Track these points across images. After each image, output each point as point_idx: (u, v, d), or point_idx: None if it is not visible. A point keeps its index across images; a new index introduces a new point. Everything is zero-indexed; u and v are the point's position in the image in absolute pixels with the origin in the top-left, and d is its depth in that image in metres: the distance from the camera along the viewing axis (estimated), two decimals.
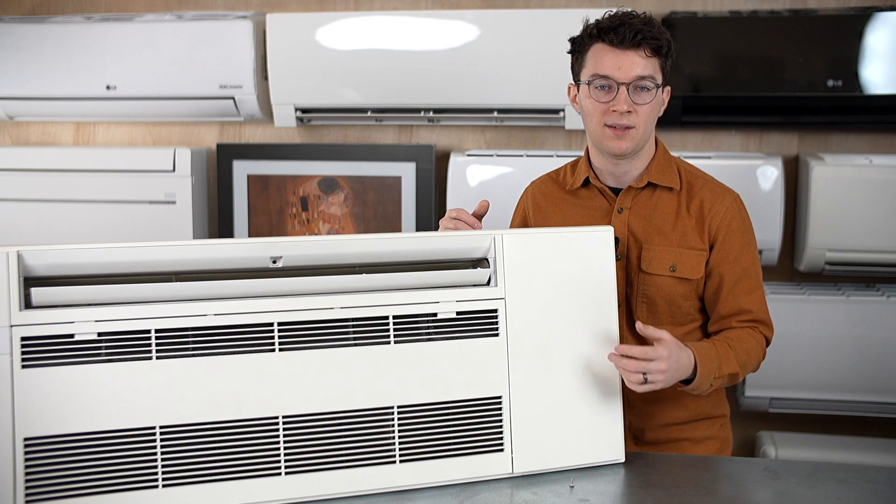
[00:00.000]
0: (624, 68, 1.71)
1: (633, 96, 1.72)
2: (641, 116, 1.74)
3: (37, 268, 1.42)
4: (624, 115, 1.73)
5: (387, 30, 2.92)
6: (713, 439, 1.88)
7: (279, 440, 1.49)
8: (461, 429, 1.58)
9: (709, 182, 1.85)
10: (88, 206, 3.07)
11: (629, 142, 1.75)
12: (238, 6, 3.17)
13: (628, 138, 1.75)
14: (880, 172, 2.72)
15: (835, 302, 2.77)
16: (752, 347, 1.77)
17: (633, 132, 1.75)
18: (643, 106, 1.73)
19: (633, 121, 1.74)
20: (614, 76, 1.72)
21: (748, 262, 1.80)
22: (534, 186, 1.99)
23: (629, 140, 1.75)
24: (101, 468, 1.41)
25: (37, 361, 1.40)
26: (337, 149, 3.08)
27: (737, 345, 1.74)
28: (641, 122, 1.74)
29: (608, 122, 1.75)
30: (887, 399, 2.76)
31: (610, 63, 1.72)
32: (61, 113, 3.16)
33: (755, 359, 1.78)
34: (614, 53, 1.72)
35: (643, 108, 1.73)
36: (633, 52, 1.71)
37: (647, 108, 1.74)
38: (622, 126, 1.74)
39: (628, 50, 1.71)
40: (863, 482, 1.59)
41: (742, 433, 3.03)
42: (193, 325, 1.46)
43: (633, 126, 1.74)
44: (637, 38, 1.70)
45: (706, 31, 2.82)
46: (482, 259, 1.64)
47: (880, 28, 2.71)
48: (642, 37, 1.70)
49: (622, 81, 1.72)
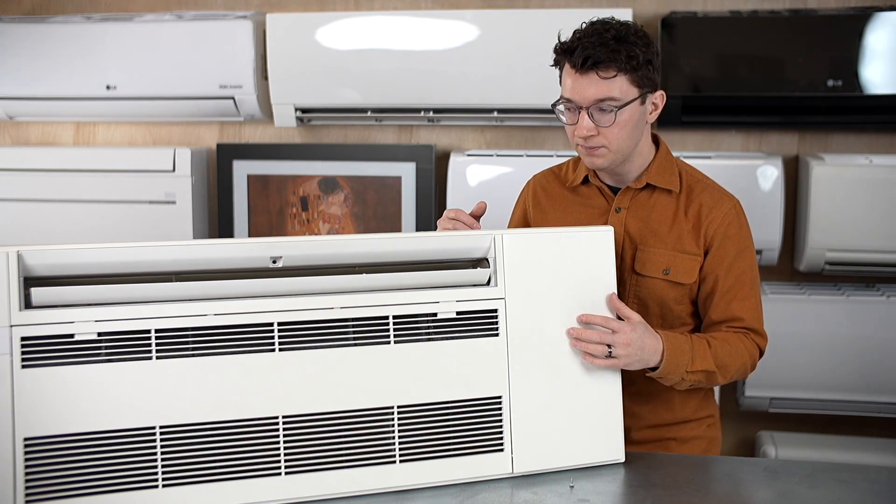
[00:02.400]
0: (580, 92, 1.69)
1: (596, 118, 1.70)
2: (610, 135, 1.71)
3: (37, 268, 1.42)
4: (588, 137, 1.72)
5: (387, 30, 2.92)
6: (700, 439, 1.88)
7: (279, 440, 1.49)
8: (461, 429, 1.58)
9: (709, 187, 1.83)
10: (88, 206, 3.07)
11: (602, 158, 1.74)
12: (238, 6, 3.17)
13: (600, 155, 1.74)
14: (880, 172, 2.72)
15: (835, 302, 2.77)
16: (738, 351, 1.73)
17: (604, 150, 1.73)
18: (608, 127, 1.70)
19: (599, 141, 1.72)
20: (575, 100, 1.70)
21: (743, 268, 1.78)
22: (535, 180, 1.99)
23: (602, 157, 1.74)
24: (101, 468, 1.41)
25: (37, 361, 1.40)
26: (337, 149, 3.08)
27: (718, 344, 1.72)
28: (612, 140, 1.72)
29: (578, 142, 1.75)
30: (887, 399, 2.76)
31: (569, 86, 1.71)
32: (61, 113, 3.16)
33: (739, 363, 1.73)
34: (573, 77, 1.70)
35: (608, 130, 1.70)
36: (588, 75, 1.68)
37: (615, 129, 1.71)
38: (590, 146, 1.73)
39: (587, 73, 1.68)
40: (863, 482, 1.59)
41: (742, 433, 3.03)
42: (193, 325, 1.46)
43: (601, 145, 1.73)
44: (588, 63, 1.66)
45: (706, 31, 2.82)
46: (482, 259, 1.64)
47: (880, 28, 2.71)
48: (594, 61, 1.66)
49: (581, 105, 1.70)
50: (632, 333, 1.61)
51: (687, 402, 1.85)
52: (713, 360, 1.69)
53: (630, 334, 1.61)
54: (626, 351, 1.61)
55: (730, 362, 1.72)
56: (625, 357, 1.61)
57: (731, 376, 1.74)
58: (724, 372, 1.72)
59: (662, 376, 1.68)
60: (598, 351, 1.61)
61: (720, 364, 1.70)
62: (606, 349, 1.61)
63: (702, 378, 1.70)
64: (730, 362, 1.72)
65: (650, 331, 1.65)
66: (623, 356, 1.61)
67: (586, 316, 1.63)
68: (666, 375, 1.68)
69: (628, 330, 1.61)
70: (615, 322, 1.62)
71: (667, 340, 1.66)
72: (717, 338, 1.73)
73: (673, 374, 1.67)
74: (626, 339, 1.61)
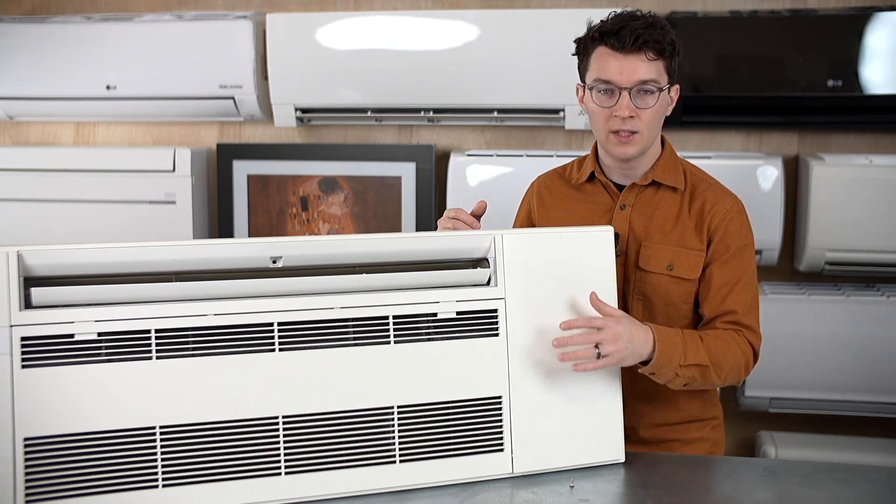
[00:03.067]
0: (626, 73, 1.70)
1: (636, 100, 1.71)
2: (645, 120, 1.72)
3: (37, 268, 1.42)
4: (627, 120, 1.72)
5: (387, 30, 2.92)
6: (704, 440, 1.87)
7: (279, 440, 1.49)
8: (461, 429, 1.58)
9: (712, 185, 1.84)
10: (88, 206, 3.07)
11: (634, 147, 1.75)
12: (238, 6, 3.17)
13: (633, 143, 1.74)
14: (880, 172, 2.72)
15: (835, 302, 2.77)
16: (730, 347, 1.71)
17: (637, 137, 1.74)
18: (646, 110, 1.72)
19: (636, 125, 1.72)
20: (616, 81, 1.71)
21: (741, 266, 1.77)
22: (539, 181, 2.00)
23: (634, 145, 1.75)
24: (101, 468, 1.41)
25: (37, 361, 1.40)
26: (337, 149, 3.08)
27: (710, 339, 1.70)
28: (646, 126, 1.73)
29: (612, 127, 1.74)
30: (887, 399, 2.76)
31: (612, 68, 1.71)
32: (61, 113, 3.16)
33: (732, 360, 1.71)
34: (616, 58, 1.70)
35: (646, 112, 1.72)
36: (634, 56, 1.69)
37: (651, 112, 1.72)
38: (626, 131, 1.73)
39: (630, 54, 1.69)
40: (863, 482, 1.59)
41: (742, 433, 3.03)
42: (193, 325, 1.46)
43: (637, 131, 1.73)
44: (638, 42, 1.68)
45: (706, 31, 2.82)
46: (482, 259, 1.64)
47: (880, 28, 2.71)
48: (644, 40, 1.68)
49: (624, 86, 1.70)
50: (617, 326, 1.58)
51: (692, 401, 1.85)
52: (707, 355, 1.67)
53: (616, 327, 1.58)
54: (615, 346, 1.57)
55: (723, 359, 1.70)
56: (616, 353, 1.58)
57: (726, 375, 1.71)
58: (718, 369, 1.69)
59: (656, 371, 1.65)
60: (586, 355, 1.58)
61: (714, 360, 1.68)
62: (595, 351, 1.58)
63: (696, 374, 1.68)
64: (723, 359, 1.70)
65: (636, 322, 1.62)
66: (614, 352, 1.57)
67: (567, 322, 1.59)
68: (659, 369, 1.64)
69: (613, 323, 1.58)
70: (598, 319, 1.59)
71: (657, 331, 1.64)
72: (709, 334, 1.72)
73: (666, 368, 1.64)
74: (613, 333, 1.57)
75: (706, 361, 1.67)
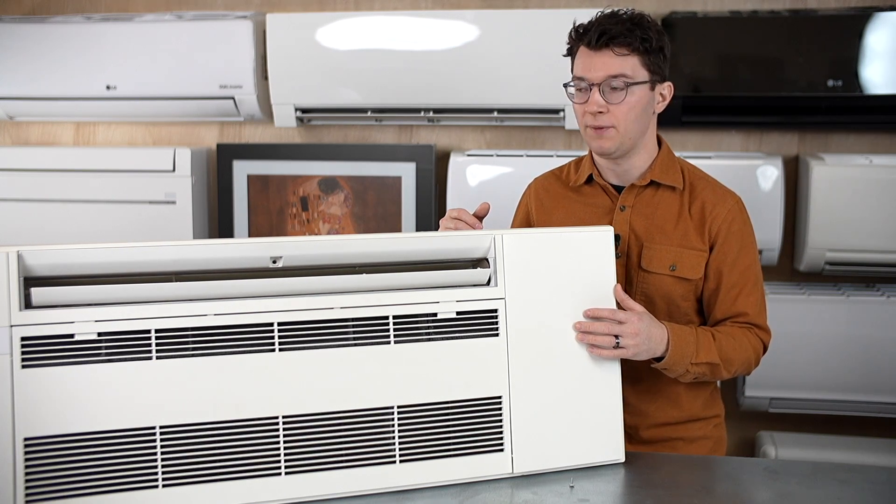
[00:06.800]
0: (594, 68, 1.73)
1: (607, 96, 1.73)
2: (618, 115, 1.74)
3: (37, 268, 1.42)
4: (598, 115, 1.74)
5: (387, 30, 2.92)
6: (707, 439, 1.89)
7: (279, 440, 1.49)
8: (461, 429, 1.58)
9: (711, 184, 1.85)
10: (88, 206, 3.07)
11: (609, 141, 1.76)
12: (238, 6, 3.17)
13: (608, 137, 1.76)
14: (880, 172, 2.72)
15: (835, 302, 2.77)
16: (742, 345, 1.76)
17: (612, 132, 1.75)
18: (618, 105, 1.73)
19: (608, 120, 1.74)
20: (586, 77, 1.74)
21: (747, 264, 1.80)
22: (537, 183, 2.00)
23: (609, 140, 1.76)
24: (101, 468, 1.41)
25: (37, 361, 1.40)
26: (337, 149, 3.08)
27: (722, 338, 1.74)
28: (621, 121, 1.74)
29: (587, 123, 1.77)
30: (887, 399, 2.76)
31: (583, 64, 1.75)
32: (61, 113, 3.16)
33: (743, 357, 1.76)
34: (587, 55, 1.74)
35: (619, 108, 1.73)
36: (604, 51, 1.72)
37: (624, 108, 1.73)
38: (599, 126, 1.75)
39: (599, 50, 1.72)
40: (863, 482, 1.59)
41: (742, 433, 3.03)
42: (193, 325, 1.46)
43: (610, 125, 1.75)
44: (604, 38, 1.71)
45: (706, 31, 2.82)
46: (482, 259, 1.64)
47: (880, 28, 2.71)
48: (610, 36, 1.70)
49: (592, 82, 1.73)
50: (639, 323, 1.63)
51: (695, 399, 1.86)
52: (718, 354, 1.72)
53: (637, 324, 1.62)
54: (634, 341, 1.62)
55: (734, 356, 1.74)
56: (633, 347, 1.62)
57: (736, 370, 1.77)
58: (728, 366, 1.74)
59: (668, 367, 1.70)
60: (605, 342, 1.61)
61: (724, 358, 1.73)
62: (614, 340, 1.62)
63: (706, 371, 1.72)
64: (734, 356, 1.74)
65: (655, 321, 1.67)
66: (631, 346, 1.62)
67: (593, 310, 1.63)
68: (671, 366, 1.69)
69: (635, 320, 1.63)
70: (622, 313, 1.63)
71: (672, 330, 1.68)
72: (721, 332, 1.76)
73: (678, 365, 1.69)
74: (634, 328, 1.62)
75: (717, 360, 1.72)
